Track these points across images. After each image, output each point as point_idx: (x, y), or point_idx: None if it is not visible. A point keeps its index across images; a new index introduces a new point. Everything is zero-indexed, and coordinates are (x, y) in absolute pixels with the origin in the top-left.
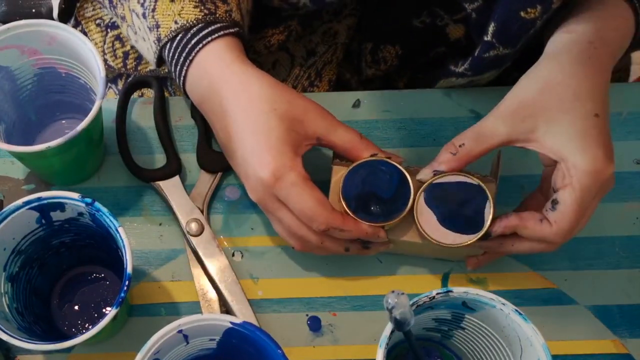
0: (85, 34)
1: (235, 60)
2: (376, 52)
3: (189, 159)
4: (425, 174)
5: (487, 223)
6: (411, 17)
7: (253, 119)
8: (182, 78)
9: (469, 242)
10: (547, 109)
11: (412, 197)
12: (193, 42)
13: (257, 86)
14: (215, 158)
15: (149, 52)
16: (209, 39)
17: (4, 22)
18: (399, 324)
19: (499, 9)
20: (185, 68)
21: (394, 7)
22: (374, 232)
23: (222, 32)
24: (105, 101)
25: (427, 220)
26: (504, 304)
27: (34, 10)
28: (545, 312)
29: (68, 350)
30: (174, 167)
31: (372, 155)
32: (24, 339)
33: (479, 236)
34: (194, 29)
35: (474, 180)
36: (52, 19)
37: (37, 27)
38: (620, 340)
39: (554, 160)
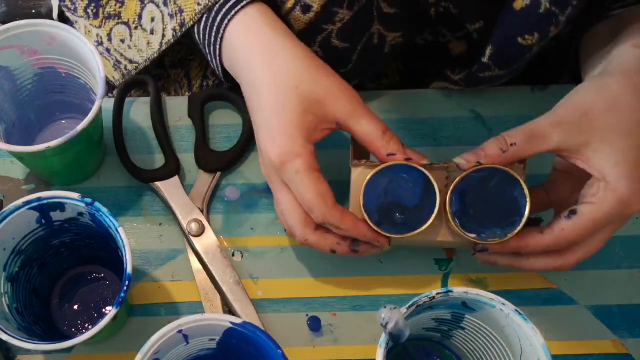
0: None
1: (264, 28)
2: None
3: (189, 159)
4: (466, 162)
5: (526, 214)
6: (413, 35)
7: (274, 95)
8: (217, 57)
9: (508, 238)
10: (605, 129)
11: (438, 203)
12: (219, 19)
13: (283, 60)
14: (214, 157)
15: (153, 42)
16: (233, 12)
17: (4, 22)
18: (394, 338)
19: (496, 33)
20: (218, 47)
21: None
22: (373, 237)
23: (244, 2)
24: (105, 101)
25: (459, 216)
26: (504, 304)
27: (34, 11)
28: (545, 312)
29: (68, 350)
30: (172, 168)
31: (389, 155)
32: (24, 339)
33: (516, 231)
34: (217, 6)
35: (503, 168)
36: (52, 19)
37: (37, 27)
38: (620, 340)
39: (576, 169)
